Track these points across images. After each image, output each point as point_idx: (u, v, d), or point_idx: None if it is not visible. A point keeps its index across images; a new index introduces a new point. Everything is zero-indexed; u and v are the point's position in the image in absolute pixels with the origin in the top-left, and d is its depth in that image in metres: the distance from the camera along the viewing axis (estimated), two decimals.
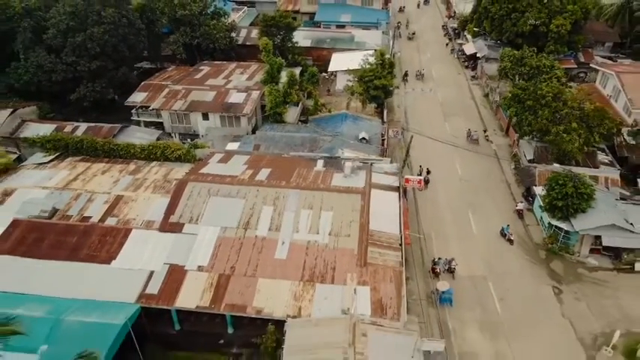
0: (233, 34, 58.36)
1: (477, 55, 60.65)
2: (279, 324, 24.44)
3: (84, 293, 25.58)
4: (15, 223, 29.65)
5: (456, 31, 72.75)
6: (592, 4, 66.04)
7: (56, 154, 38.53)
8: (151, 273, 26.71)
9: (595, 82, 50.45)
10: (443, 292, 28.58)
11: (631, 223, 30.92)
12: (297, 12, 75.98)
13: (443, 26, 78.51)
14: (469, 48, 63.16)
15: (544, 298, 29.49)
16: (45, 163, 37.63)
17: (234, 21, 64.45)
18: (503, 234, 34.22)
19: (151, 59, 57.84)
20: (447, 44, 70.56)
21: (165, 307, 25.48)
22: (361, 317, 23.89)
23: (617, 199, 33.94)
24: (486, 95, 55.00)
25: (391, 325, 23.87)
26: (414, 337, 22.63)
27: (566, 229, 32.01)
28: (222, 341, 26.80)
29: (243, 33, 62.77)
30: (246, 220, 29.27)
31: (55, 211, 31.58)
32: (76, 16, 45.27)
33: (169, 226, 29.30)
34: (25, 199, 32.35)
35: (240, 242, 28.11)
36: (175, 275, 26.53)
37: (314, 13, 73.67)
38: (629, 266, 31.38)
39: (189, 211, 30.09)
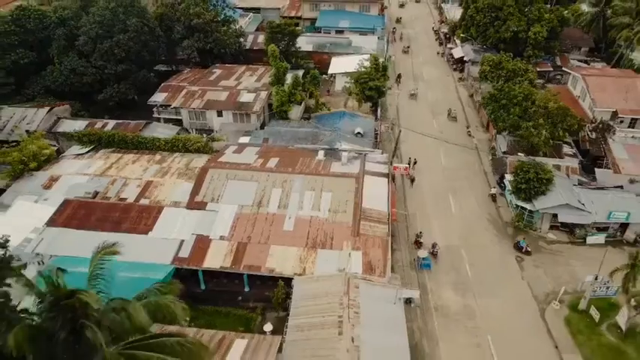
0: (241, 40, 64.06)
1: (464, 58, 66.31)
2: (287, 281, 30.18)
3: (128, 257, 31.01)
4: (66, 203, 35.46)
5: (447, 36, 78.39)
6: (572, 11, 72.10)
7: (91, 147, 44.38)
8: (182, 242, 32.48)
9: (567, 83, 56.17)
10: (423, 259, 34.38)
11: (582, 203, 36.67)
12: (299, 18, 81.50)
13: (435, 31, 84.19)
14: (457, 52, 68.76)
15: (508, 265, 35.27)
16: (82, 154, 43.52)
17: (240, 27, 69.98)
18: (519, 247, 36.37)
19: (167, 62, 63.42)
20: (438, 53, 75.60)
21: (194, 268, 31.25)
22: (354, 274, 29.65)
23: (574, 185, 39.67)
24: (471, 95, 60.69)
25: (378, 281, 29.67)
26: (396, 288, 28.47)
27: (529, 208, 37.82)
28: (240, 298, 32.51)
29: (250, 38, 68.42)
30: (259, 200, 35.05)
31: (96, 193, 37.42)
32: (104, 24, 50.92)
33: (195, 204, 35.09)
34: (71, 184, 38.27)
35: (255, 217, 33.91)
36: (202, 243, 32.31)
37: (315, 19, 79.22)
38: (581, 240, 37.17)
39: (211, 192, 35.87)
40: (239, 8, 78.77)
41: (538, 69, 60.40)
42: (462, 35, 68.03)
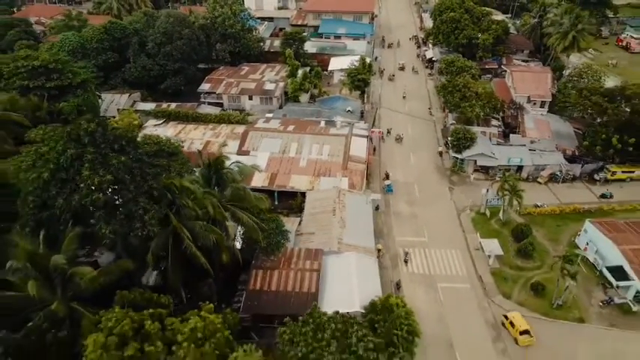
0: (261, 44, 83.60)
1: (433, 58, 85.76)
2: (302, 195, 49.81)
3: None
4: None
5: (424, 41, 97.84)
6: (524, 21, 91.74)
7: (163, 120, 64.04)
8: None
9: (506, 77, 75.68)
10: (387, 185, 54.00)
11: (493, 153, 56.25)
12: (305, 25, 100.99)
13: (415, 36, 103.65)
14: (429, 53, 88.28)
15: (443, 192, 54.83)
16: (158, 124, 63.16)
17: (258, 32, 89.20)
18: (604, 196, 53.94)
19: (205, 61, 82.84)
20: (417, 55, 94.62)
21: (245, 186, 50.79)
22: (343, 189, 49.25)
23: (493, 144, 59.15)
24: (436, 86, 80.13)
25: (357, 192, 49.32)
26: (367, 195, 48.20)
27: (459, 157, 57.38)
28: (272, 207, 52.01)
29: (268, 43, 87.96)
30: (283, 149, 54.70)
31: None
32: (166, 34, 70.45)
33: (242, 152, 54.75)
34: None
35: (281, 159, 53.60)
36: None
37: (318, 26, 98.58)
38: (492, 178, 56.70)
39: (252, 145, 55.52)
40: (258, 18, 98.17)
41: (487, 66, 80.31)
42: (431, 41, 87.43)
